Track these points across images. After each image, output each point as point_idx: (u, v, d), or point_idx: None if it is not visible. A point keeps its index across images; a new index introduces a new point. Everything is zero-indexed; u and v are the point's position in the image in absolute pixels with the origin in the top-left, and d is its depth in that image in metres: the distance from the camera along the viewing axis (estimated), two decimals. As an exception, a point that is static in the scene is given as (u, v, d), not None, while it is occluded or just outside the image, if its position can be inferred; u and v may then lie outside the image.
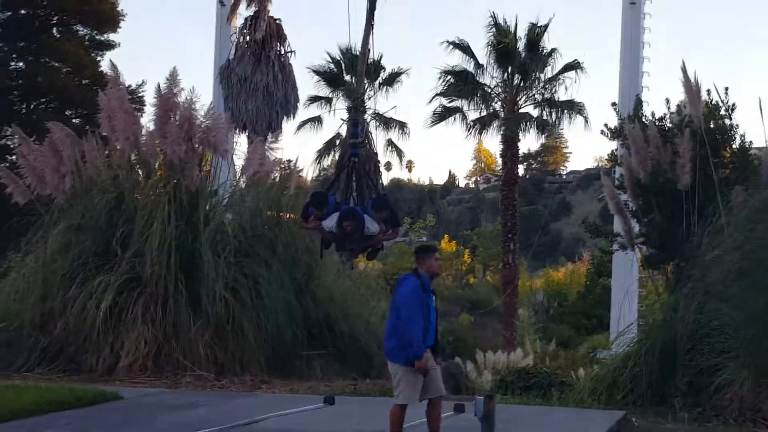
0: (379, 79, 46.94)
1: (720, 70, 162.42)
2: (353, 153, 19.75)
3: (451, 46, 44.04)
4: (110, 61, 28.03)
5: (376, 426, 14.91)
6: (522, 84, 43.51)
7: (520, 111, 43.91)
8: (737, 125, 22.53)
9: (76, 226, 22.18)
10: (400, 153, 51.05)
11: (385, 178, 43.69)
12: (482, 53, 43.47)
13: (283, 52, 42.04)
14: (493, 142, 45.91)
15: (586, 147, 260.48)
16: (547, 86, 43.13)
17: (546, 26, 43.21)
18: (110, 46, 52.17)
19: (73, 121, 41.81)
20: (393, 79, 47.27)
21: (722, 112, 22.46)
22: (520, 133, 44.45)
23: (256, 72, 40.73)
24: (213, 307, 21.09)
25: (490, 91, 43.79)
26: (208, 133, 23.33)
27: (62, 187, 22.87)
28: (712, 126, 21.86)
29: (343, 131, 45.66)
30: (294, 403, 17.68)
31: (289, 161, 27.20)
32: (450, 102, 44.41)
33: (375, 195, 19.45)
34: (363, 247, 18.71)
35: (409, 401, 12.37)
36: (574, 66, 43.27)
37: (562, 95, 43.37)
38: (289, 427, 15.03)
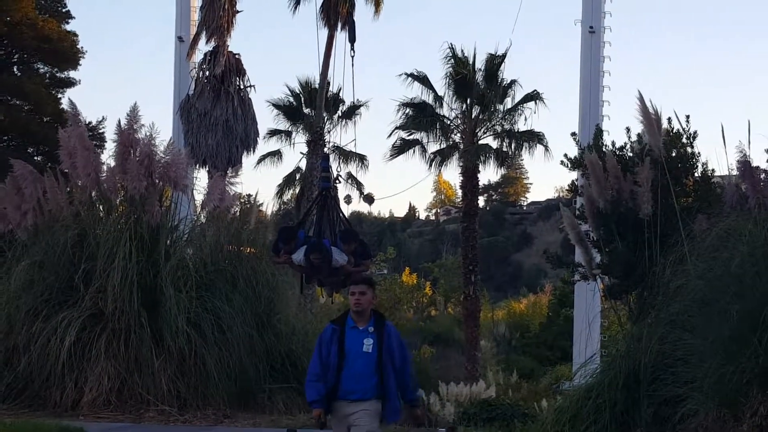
0: (339, 112, 47.07)
1: (683, 97, 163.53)
2: (324, 187, 19.89)
3: (409, 78, 44.22)
4: (69, 99, 27.99)
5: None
6: (481, 115, 43.74)
7: (480, 142, 44.13)
8: (699, 153, 22.68)
9: (39, 263, 22.07)
10: (360, 186, 51.21)
11: (346, 211, 43.95)
12: (441, 84, 43.79)
13: (242, 86, 42.04)
14: (453, 173, 46.24)
15: (547, 177, 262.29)
16: (506, 117, 43.42)
17: (504, 57, 43.52)
18: (71, 83, 52.26)
19: (35, 158, 41.75)
20: (352, 111, 47.46)
21: (684, 140, 22.61)
22: (480, 165, 44.65)
23: (216, 107, 40.70)
24: (175, 341, 21.03)
25: (449, 122, 44.04)
26: (169, 169, 23.29)
27: (24, 224, 22.79)
28: (673, 154, 21.99)
29: (303, 165, 45.74)
30: (258, 437, 17.63)
31: (249, 195, 27.22)
32: (409, 135, 44.64)
33: (344, 228, 19.70)
34: (341, 281, 18.98)
35: None
36: (533, 96, 43.53)
37: (521, 126, 43.77)
38: (254, 461, 14.95)
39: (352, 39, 30.53)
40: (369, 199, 40.74)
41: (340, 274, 18.50)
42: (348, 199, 55.69)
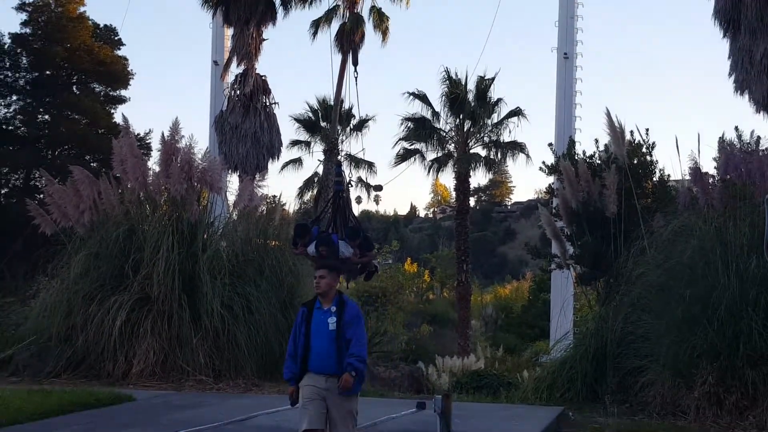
0: (350, 125, 47.06)
1: (644, 111, 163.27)
2: (338, 189, 20.04)
3: (411, 96, 44.26)
4: (122, 114, 28.14)
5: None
6: (472, 128, 43.69)
7: (471, 151, 44.06)
8: (657, 161, 22.79)
9: (94, 254, 22.07)
10: (368, 188, 51.16)
11: (356, 210, 44.03)
12: (438, 102, 43.79)
13: (268, 103, 41.98)
14: (447, 178, 46.23)
15: (528, 181, 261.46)
16: (493, 130, 43.39)
17: (492, 79, 43.55)
18: (122, 100, 52.27)
19: (91, 164, 41.66)
20: (361, 125, 47.43)
21: (644, 150, 22.66)
22: (471, 171, 44.61)
23: (246, 121, 40.69)
24: (211, 321, 21.00)
25: (444, 134, 44.01)
26: (205, 174, 23.31)
27: (82, 221, 22.79)
28: (635, 162, 22.04)
29: (320, 170, 45.73)
30: (280, 402, 17.56)
31: (274, 196, 27.05)
32: (411, 145, 44.59)
33: (350, 225, 19.86)
34: (357, 270, 19.21)
35: (300, 425, 9.84)
36: (516, 112, 43.50)
37: (506, 137, 43.69)
38: (277, 423, 14.99)
39: (355, 62, 30.92)
40: (378, 188, 40.66)
41: (348, 264, 18.68)
42: (359, 200, 55.56)
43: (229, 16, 41.17)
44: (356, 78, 25.48)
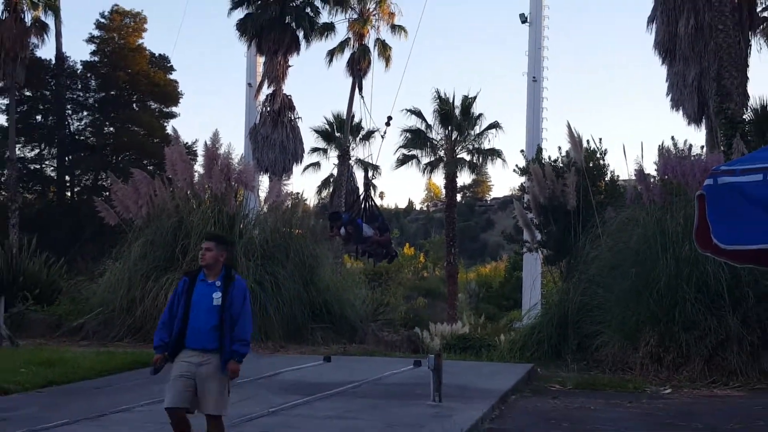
0: (359, 136, 46.98)
1: (599, 123, 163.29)
2: (366, 185, 21.25)
3: (408, 112, 44.21)
4: (173, 126, 28.33)
5: (359, 376, 14.96)
6: (458, 138, 43.53)
7: (457, 157, 43.92)
8: (608, 164, 22.79)
9: (150, 241, 22.08)
10: (374, 186, 51.01)
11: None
12: (430, 117, 43.63)
13: (292, 118, 42.07)
14: (438, 178, 45.96)
15: (504, 180, 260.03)
16: (475, 139, 43.25)
17: (474, 98, 43.26)
18: (173, 115, 52.26)
19: (148, 167, 41.49)
20: (368, 135, 47.30)
21: (598, 155, 22.64)
22: (457, 172, 44.59)
23: (274, 132, 40.78)
24: (246, 296, 21.08)
25: (436, 143, 43.84)
26: (241, 175, 23.32)
27: (140, 214, 22.80)
28: (591, 165, 22.01)
29: (335, 172, 45.63)
30: (303, 361, 17.69)
31: (297, 193, 26.96)
32: (408, 151, 44.44)
33: (371, 213, 20.77)
34: (382, 254, 20.23)
35: (165, 402, 7.66)
36: (494, 125, 43.44)
37: (486, 145, 43.51)
38: (300, 377, 15.01)
39: (360, 89, 31.51)
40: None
41: (368, 241, 19.56)
42: (382, 196, 55.65)
43: (261, 47, 41.26)
44: (362, 98, 26.13)
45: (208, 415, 7.54)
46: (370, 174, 40.19)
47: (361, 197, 22.49)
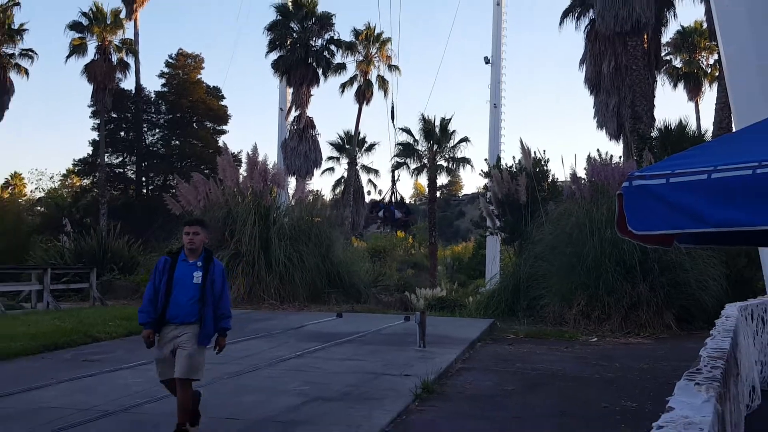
0: (364, 147, 46.90)
1: (545, 138, 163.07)
2: (393, 182, 23.02)
3: (401, 130, 44.15)
4: (223, 141, 28.35)
5: (363, 328, 15.01)
6: (437, 149, 43.31)
7: (437, 163, 43.77)
8: (550, 169, 22.90)
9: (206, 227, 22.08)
10: (375, 185, 51.06)
11: (366, 199, 43.82)
12: (417, 133, 43.36)
13: (313, 134, 41.95)
14: (423, 179, 45.79)
15: (472, 181, 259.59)
16: (451, 150, 42.90)
17: (450, 119, 42.68)
18: (223, 132, 52.18)
19: (205, 171, 41.43)
20: (371, 147, 47.21)
21: (542, 163, 22.68)
22: (437, 175, 44.41)
23: (299, 145, 40.68)
24: (278, 267, 21.07)
25: (421, 153, 43.70)
26: (275, 177, 23.35)
27: (199, 207, 22.79)
28: (537, 170, 22.05)
29: (345, 174, 45.53)
30: (321, 317, 17.73)
31: (317, 191, 27.11)
32: (401, 159, 44.38)
33: (398, 204, 22.02)
34: (402, 226, 23.17)
35: (159, 376, 6.48)
36: (465, 139, 42.97)
37: (458, 155, 43.19)
38: (319, 329, 15.04)
39: (392, 117, 32.89)
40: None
41: (399, 220, 22.12)
42: (380, 193, 55.38)
43: (290, 80, 41.14)
44: (394, 122, 27.30)
45: (178, 379, 6.24)
46: (396, 175, 40.65)
47: (390, 194, 24.95)
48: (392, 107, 35.91)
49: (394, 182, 25.45)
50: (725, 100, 22.88)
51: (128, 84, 46.84)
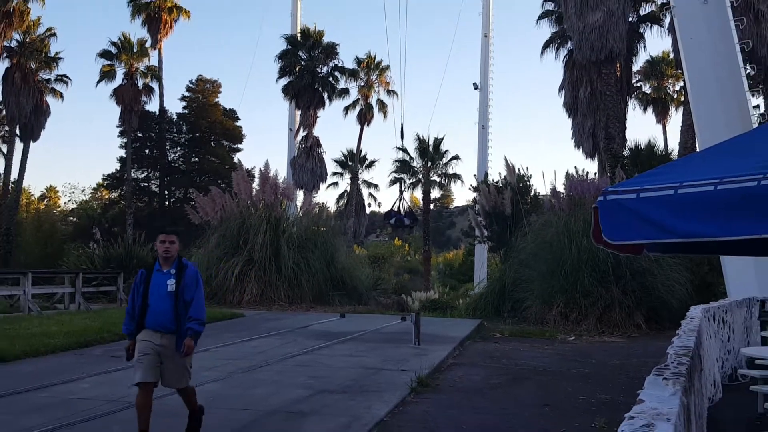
0: (365, 164, 46.90)
1: (528, 155, 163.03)
2: (401, 192, 24.20)
3: (398, 150, 44.18)
4: (238, 158, 28.37)
5: (364, 327, 14.98)
6: (431, 166, 43.24)
7: (431, 179, 43.74)
8: (533, 184, 22.90)
9: (222, 235, 22.08)
10: (375, 198, 50.96)
11: (367, 210, 43.78)
12: (413, 151, 43.23)
13: (320, 152, 41.88)
14: (418, 193, 45.72)
15: (462, 195, 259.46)
16: (443, 166, 42.85)
17: (442, 138, 42.27)
18: (238, 150, 52.05)
19: (221, 185, 41.40)
20: (372, 164, 47.18)
21: (525, 178, 22.69)
22: (431, 189, 44.32)
23: (307, 162, 40.61)
24: (287, 272, 21.06)
25: (416, 169, 43.61)
26: (285, 191, 23.37)
27: (216, 217, 22.82)
28: (521, 185, 22.07)
29: (348, 188, 45.51)
30: (326, 317, 17.70)
31: (323, 203, 27.18)
32: (398, 175, 44.26)
33: (407, 213, 22.55)
34: (407, 227, 25.02)
35: (135, 378, 5.78)
36: (456, 157, 42.83)
37: (450, 171, 43.06)
38: (324, 328, 15.03)
39: (402, 136, 34.34)
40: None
41: (407, 228, 23.91)
42: (380, 205, 55.33)
43: (298, 104, 41.11)
44: (402, 140, 28.68)
45: (176, 387, 6.02)
46: (403, 188, 40.99)
47: (396, 206, 28.82)
48: (402, 128, 36.25)
49: (401, 193, 28.76)
50: (690, 122, 22.97)
51: (153, 106, 46.90)
